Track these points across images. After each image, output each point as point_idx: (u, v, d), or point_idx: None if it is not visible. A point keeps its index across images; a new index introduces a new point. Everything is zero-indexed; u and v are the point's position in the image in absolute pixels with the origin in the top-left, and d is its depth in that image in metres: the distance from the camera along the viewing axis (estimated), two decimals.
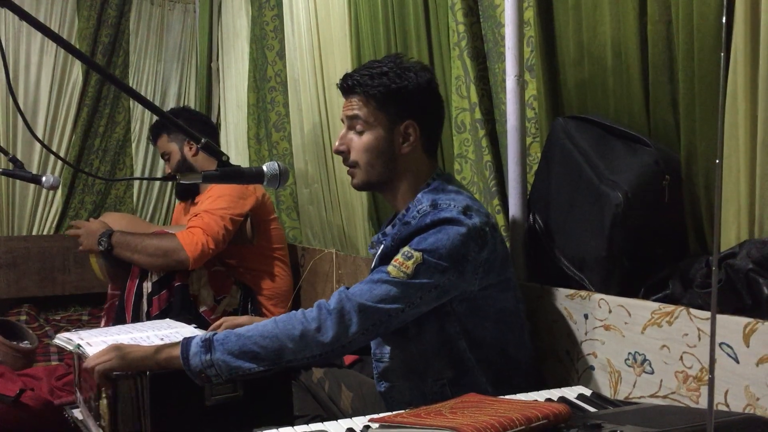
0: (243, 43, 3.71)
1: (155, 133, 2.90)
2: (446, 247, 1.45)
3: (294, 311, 1.49)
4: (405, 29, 2.27)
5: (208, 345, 1.45)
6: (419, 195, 1.58)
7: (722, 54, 0.54)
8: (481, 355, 1.53)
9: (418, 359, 1.54)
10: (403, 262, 1.45)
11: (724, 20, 1.30)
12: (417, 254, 1.45)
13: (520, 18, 1.77)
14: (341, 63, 2.67)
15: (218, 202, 2.62)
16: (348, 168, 1.65)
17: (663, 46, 1.52)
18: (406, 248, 1.47)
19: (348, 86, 1.61)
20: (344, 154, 1.63)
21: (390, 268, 1.46)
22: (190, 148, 2.80)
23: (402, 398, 1.58)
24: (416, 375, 1.55)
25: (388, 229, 1.62)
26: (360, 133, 1.60)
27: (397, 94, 1.57)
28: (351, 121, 1.62)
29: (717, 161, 0.54)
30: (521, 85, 1.78)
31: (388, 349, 1.59)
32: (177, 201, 3.18)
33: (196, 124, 2.82)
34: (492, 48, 1.96)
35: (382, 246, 1.57)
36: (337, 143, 1.64)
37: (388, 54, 1.69)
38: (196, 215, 2.61)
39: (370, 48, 2.45)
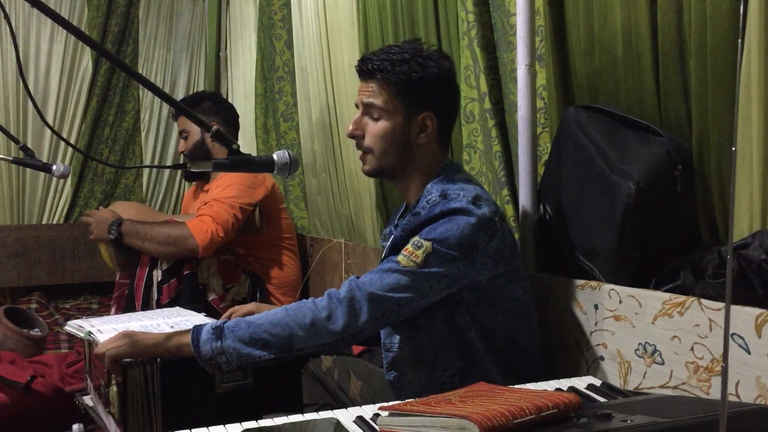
0: (250, 33, 3.71)
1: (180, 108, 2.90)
2: (456, 237, 1.45)
3: (304, 300, 1.49)
4: (413, 18, 2.26)
5: (218, 332, 1.45)
6: (429, 186, 1.57)
7: (739, 41, 0.53)
8: (490, 344, 1.53)
9: (427, 349, 1.54)
10: (413, 252, 1.45)
11: (741, 9, 1.29)
12: (427, 244, 1.45)
13: (532, 7, 1.76)
14: (349, 53, 2.66)
15: (228, 190, 2.63)
16: (360, 153, 1.64)
17: (674, 35, 1.51)
18: (416, 238, 1.47)
19: (367, 70, 1.59)
20: (358, 138, 1.62)
21: (400, 257, 1.46)
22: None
23: (411, 388, 1.58)
24: (426, 364, 1.55)
25: (399, 221, 1.62)
26: (376, 120, 1.59)
27: (418, 84, 1.55)
28: (367, 107, 1.60)
29: (733, 149, 0.53)
30: (532, 74, 1.77)
31: (397, 338, 1.59)
32: (186, 185, 3.18)
33: (222, 112, 2.85)
34: (501, 37, 1.95)
35: (392, 237, 1.57)
36: (351, 127, 1.62)
37: (407, 39, 1.66)
38: (206, 203, 2.61)
39: (378, 38, 2.44)
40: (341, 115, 2.76)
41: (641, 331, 1.45)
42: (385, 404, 1.10)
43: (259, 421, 1.14)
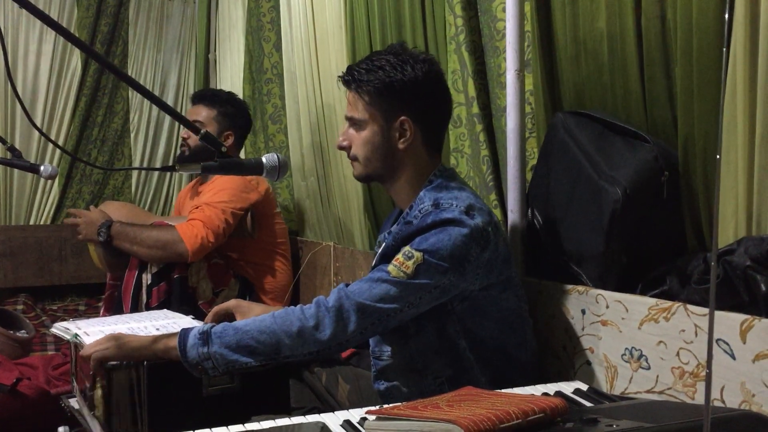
0: (239, 35, 3.70)
1: (208, 100, 2.87)
2: (447, 248, 1.44)
3: (292, 307, 1.49)
4: (400, 22, 2.27)
5: (205, 338, 1.45)
6: (422, 193, 1.56)
7: (724, 49, 0.54)
8: (480, 354, 1.53)
9: (417, 357, 1.54)
10: (403, 262, 1.44)
11: (726, 16, 1.30)
12: (418, 254, 1.44)
13: (521, 12, 1.77)
14: (336, 56, 2.66)
15: (220, 195, 2.62)
16: (350, 160, 1.66)
17: (659, 42, 1.52)
18: (407, 248, 1.46)
19: (345, 81, 1.62)
20: (346, 149, 1.64)
21: (390, 267, 1.45)
22: (225, 138, 2.81)
23: (400, 396, 1.57)
24: (415, 373, 1.55)
25: (393, 228, 1.62)
26: (358, 129, 1.60)
27: (390, 89, 1.55)
28: (350, 119, 1.62)
29: (717, 156, 0.54)
30: (521, 80, 1.78)
31: (387, 347, 1.58)
32: (177, 186, 3.17)
33: (239, 123, 2.87)
34: (488, 42, 1.96)
35: (384, 244, 1.57)
36: (339, 139, 1.65)
37: (393, 44, 1.66)
38: (197, 207, 2.60)
39: (365, 41, 2.44)
40: (330, 118, 2.76)
41: (628, 336, 1.45)
42: (372, 408, 1.10)
43: (246, 424, 1.13)
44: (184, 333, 1.47)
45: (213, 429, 1.09)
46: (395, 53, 1.58)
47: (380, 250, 1.56)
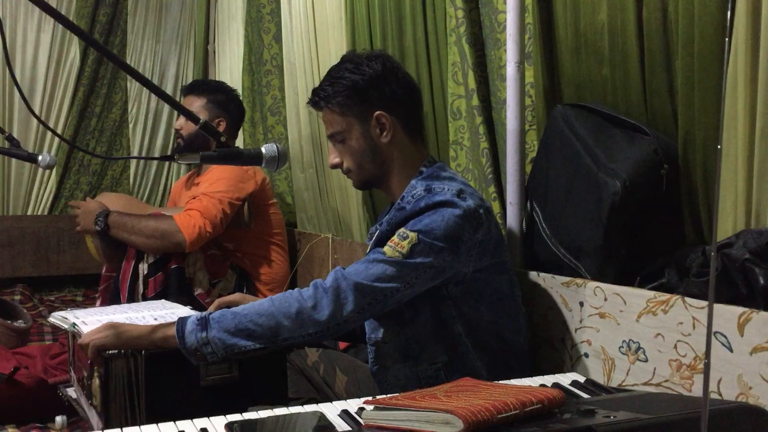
0: (238, 26, 3.70)
1: (198, 90, 2.85)
2: (441, 228, 1.46)
3: (290, 290, 1.50)
4: (400, 14, 2.26)
5: (203, 323, 1.45)
6: (413, 182, 1.59)
7: (726, 39, 0.53)
8: (476, 339, 1.54)
9: (413, 343, 1.55)
10: (398, 242, 1.46)
11: (728, 8, 1.30)
12: (412, 234, 1.46)
13: (522, 4, 1.76)
14: (336, 48, 2.66)
15: (217, 185, 2.61)
16: (346, 174, 1.69)
17: (660, 35, 1.52)
18: (401, 229, 1.49)
19: (314, 103, 1.66)
20: (339, 166, 1.67)
21: (386, 248, 1.47)
22: (217, 125, 2.79)
23: (396, 382, 1.58)
24: (411, 359, 1.56)
25: (386, 217, 1.63)
26: (342, 143, 1.64)
27: (356, 91, 1.59)
28: (331, 137, 1.66)
29: (718, 147, 0.54)
30: (522, 72, 1.77)
31: (383, 332, 1.59)
32: (175, 178, 3.16)
33: (231, 109, 2.85)
34: (489, 34, 1.95)
35: (378, 231, 1.58)
36: (330, 158, 1.69)
37: (344, 54, 1.70)
38: (194, 197, 2.60)
39: (365, 32, 2.44)
40: None
41: (625, 329, 1.46)
42: (370, 398, 1.10)
43: (243, 414, 1.13)
44: (183, 320, 1.47)
45: (211, 418, 1.09)
46: (349, 60, 1.64)
47: (375, 237, 1.58)
